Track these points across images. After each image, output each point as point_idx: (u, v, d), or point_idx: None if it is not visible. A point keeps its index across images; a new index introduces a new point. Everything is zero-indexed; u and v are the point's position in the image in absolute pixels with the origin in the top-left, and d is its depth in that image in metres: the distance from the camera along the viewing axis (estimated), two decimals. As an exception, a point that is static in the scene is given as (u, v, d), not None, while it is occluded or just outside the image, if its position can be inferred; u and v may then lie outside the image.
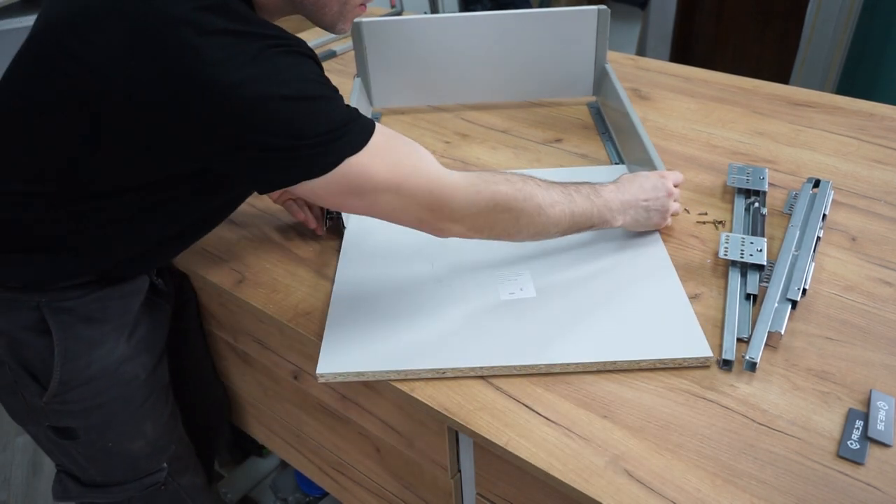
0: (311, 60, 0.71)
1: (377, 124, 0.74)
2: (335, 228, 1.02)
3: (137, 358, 0.93)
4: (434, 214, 0.77)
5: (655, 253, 0.93)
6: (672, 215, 0.95)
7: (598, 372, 0.77)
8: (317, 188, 0.71)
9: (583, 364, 0.77)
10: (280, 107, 0.66)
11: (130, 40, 0.65)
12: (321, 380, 0.80)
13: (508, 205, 0.78)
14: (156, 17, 0.64)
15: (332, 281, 0.92)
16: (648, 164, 1.01)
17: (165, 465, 1.01)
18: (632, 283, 0.88)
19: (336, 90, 0.72)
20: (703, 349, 0.77)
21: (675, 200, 0.94)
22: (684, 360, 0.77)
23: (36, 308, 0.84)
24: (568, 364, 0.77)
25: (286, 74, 0.67)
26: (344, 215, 1.01)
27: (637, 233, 0.96)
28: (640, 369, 0.77)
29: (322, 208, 1.03)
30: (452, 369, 0.78)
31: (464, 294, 0.88)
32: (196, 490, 1.09)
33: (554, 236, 0.86)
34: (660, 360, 0.77)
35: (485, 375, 0.78)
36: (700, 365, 0.77)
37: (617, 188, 0.89)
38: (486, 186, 0.77)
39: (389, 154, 0.73)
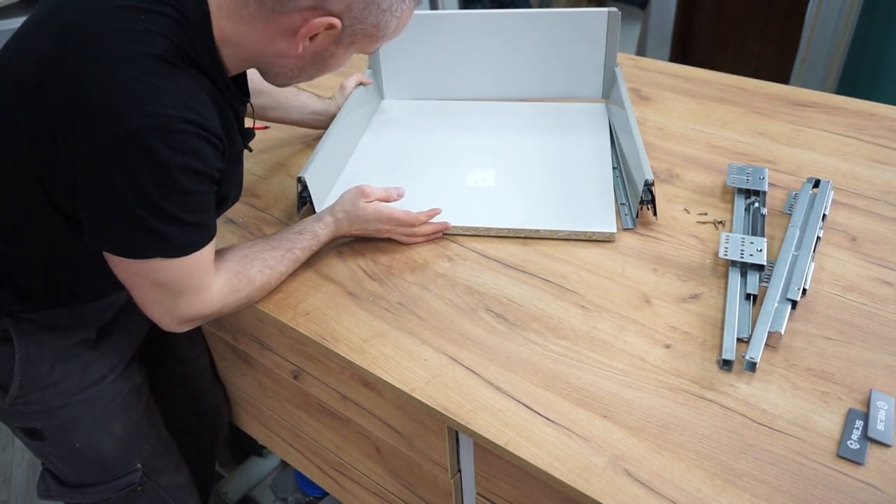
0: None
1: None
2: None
3: (105, 359, 0.93)
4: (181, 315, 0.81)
5: (602, 165, 1.11)
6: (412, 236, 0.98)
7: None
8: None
9: (513, 230, 0.98)
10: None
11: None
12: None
13: (248, 300, 0.87)
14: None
15: (332, 280, 0.92)
16: (638, 170, 1.01)
17: (139, 465, 1.00)
18: (575, 180, 1.07)
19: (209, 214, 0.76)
20: (609, 226, 0.96)
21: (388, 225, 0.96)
22: (593, 233, 0.96)
23: None
24: (501, 229, 0.98)
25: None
26: (316, 203, 1.01)
27: (591, 145, 1.16)
28: (559, 239, 0.97)
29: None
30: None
31: (436, 179, 1.10)
32: (177, 489, 1.08)
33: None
34: (573, 231, 0.96)
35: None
36: (605, 239, 0.96)
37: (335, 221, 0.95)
38: (234, 300, 0.84)
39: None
